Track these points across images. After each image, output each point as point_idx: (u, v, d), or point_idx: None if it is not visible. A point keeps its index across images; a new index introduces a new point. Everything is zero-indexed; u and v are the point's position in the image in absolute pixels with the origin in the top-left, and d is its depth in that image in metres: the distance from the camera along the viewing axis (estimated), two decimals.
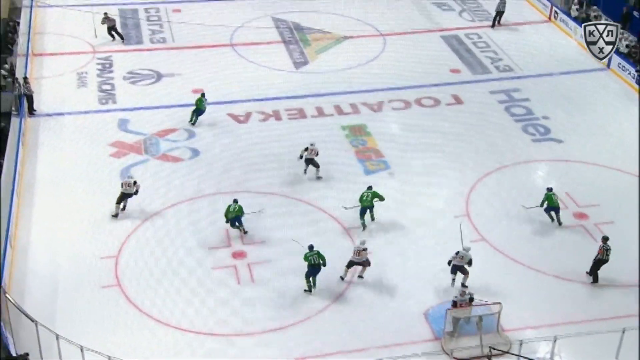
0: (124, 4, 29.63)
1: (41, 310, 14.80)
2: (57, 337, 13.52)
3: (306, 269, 15.76)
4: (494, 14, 29.34)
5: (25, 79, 22.29)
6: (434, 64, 26.04)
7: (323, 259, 15.67)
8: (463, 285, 15.74)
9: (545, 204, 17.93)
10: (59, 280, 16.08)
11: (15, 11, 27.60)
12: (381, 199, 17.84)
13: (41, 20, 28.11)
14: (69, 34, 27.06)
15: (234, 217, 17.23)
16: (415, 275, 16.51)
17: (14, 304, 14.16)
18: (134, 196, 18.11)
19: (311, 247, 15.77)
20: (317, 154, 19.39)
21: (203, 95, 22.05)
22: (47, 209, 18.33)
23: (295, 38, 27.57)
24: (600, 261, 16.27)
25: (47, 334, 13.63)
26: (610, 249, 16.16)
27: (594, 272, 16.33)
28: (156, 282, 16.17)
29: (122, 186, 18.12)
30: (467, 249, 15.90)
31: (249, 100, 23.28)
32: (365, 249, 16.02)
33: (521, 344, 14.10)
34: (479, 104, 23.70)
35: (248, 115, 22.59)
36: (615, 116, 23.11)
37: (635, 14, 26.49)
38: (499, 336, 14.76)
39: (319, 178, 19.46)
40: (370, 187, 18.03)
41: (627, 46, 25.75)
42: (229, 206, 17.27)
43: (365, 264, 16.08)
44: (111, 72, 24.83)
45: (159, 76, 24.77)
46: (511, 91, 24.34)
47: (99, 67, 25.09)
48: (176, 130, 21.66)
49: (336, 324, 15.22)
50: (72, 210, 18.24)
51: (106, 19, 26.81)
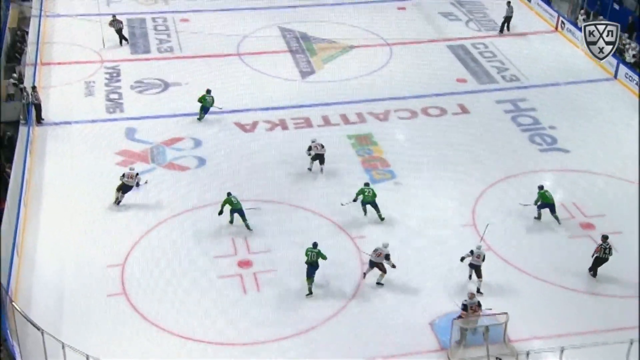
0: (131, 13, 29.79)
1: (47, 319, 14.82)
2: (63, 345, 13.51)
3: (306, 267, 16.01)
4: (500, 23, 29.37)
5: (34, 87, 22.39)
6: (440, 73, 26.02)
7: (323, 257, 15.89)
8: (478, 290, 15.98)
9: (540, 202, 18.19)
10: (65, 289, 16.10)
11: (24, 21, 27.84)
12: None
13: (50, 29, 28.26)
14: (77, 43, 27.19)
15: (238, 209, 17.58)
16: (421, 285, 16.46)
17: (20, 313, 14.17)
18: (135, 189, 18.42)
19: (315, 245, 15.97)
20: (322, 146, 19.83)
21: (208, 92, 22.40)
22: (53, 217, 18.37)
23: (302, 47, 27.63)
24: (598, 259, 16.51)
25: (53, 343, 13.61)
26: (608, 247, 16.31)
27: (593, 268, 16.62)
28: (162, 290, 16.18)
29: (123, 176, 18.49)
30: (479, 247, 16.32)
31: (255, 110, 23.32)
32: (388, 254, 16.13)
33: (528, 355, 14.03)
34: (486, 113, 23.67)
35: (254, 124, 22.62)
36: (622, 126, 23.01)
37: None
38: (505, 347, 14.68)
39: (321, 171, 19.94)
40: (367, 184, 18.41)
41: (633, 56, 25.68)
42: (229, 200, 17.60)
43: (382, 267, 16.20)
44: (119, 81, 24.93)
45: (166, 85, 24.85)
46: (517, 101, 24.30)
47: (107, 76, 25.19)
48: (183, 139, 21.71)
49: (341, 334, 15.16)
50: (79, 219, 18.28)
51: (114, 21, 27.24)
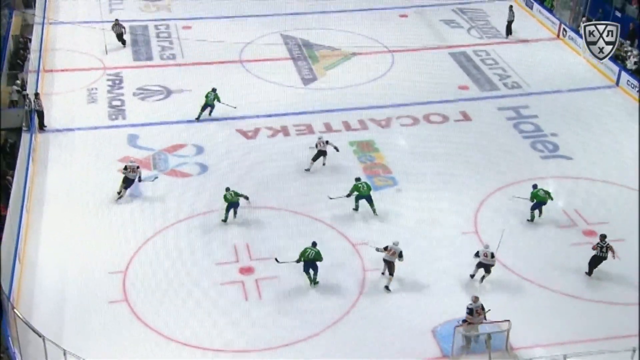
0: (134, 20, 29.88)
1: (49, 326, 14.80)
2: (65, 352, 13.49)
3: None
4: (503, 31, 29.53)
5: (37, 94, 22.42)
6: (442, 80, 26.04)
7: (319, 257, 16.17)
8: (482, 280, 16.40)
9: (534, 201, 18.53)
10: (67, 296, 16.09)
11: (27, 28, 27.92)
12: (370, 188, 18.67)
13: (52, 37, 28.32)
14: (79, 51, 27.25)
15: (234, 202, 18.12)
16: (423, 292, 16.43)
17: (21, 319, 14.16)
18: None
19: (314, 244, 16.27)
20: (327, 143, 20.36)
21: (213, 90, 22.92)
22: (55, 224, 18.38)
23: (304, 55, 27.68)
24: (596, 257, 16.63)
25: (55, 350, 13.60)
26: (605, 245, 16.46)
27: (590, 267, 16.75)
28: (163, 297, 16.16)
29: (125, 169, 18.93)
30: (487, 247, 16.49)
31: (257, 116, 23.35)
32: (397, 253, 16.23)
33: None
34: (487, 120, 23.66)
35: (256, 131, 22.65)
36: (624, 133, 22.98)
37: None
38: (507, 354, 14.63)
39: (323, 165, 20.48)
40: (358, 179, 18.73)
41: (635, 63, 25.70)
42: (226, 194, 18.16)
43: (393, 268, 16.28)
44: (121, 88, 24.97)
45: (168, 92, 24.89)
46: (519, 108, 24.30)
47: (109, 83, 25.24)
48: (185, 146, 21.73)
49: (342, 341, 15.12)
50: (81, 226, 18.29)
51: (116, 25, 27.61)
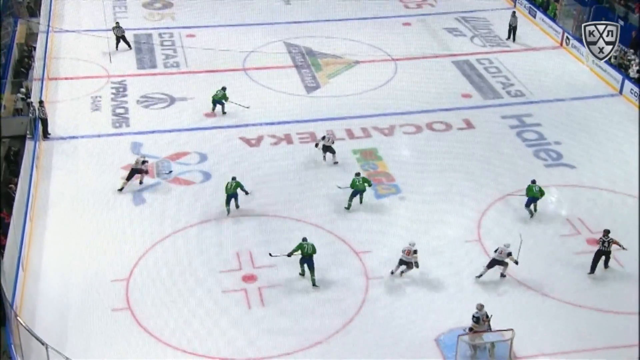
0: (138, 28, 30.05)
1: (51, 333, 14.85)
2: None
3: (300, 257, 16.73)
4: (505, 39, 29.68)
5: (41, 102, 22.55)
6: (445, 88, 26.11)
7: (314, 248, 16.67)
8: (502, 275, 16.75)
9: (528, 195, 19.02)
10: (70, 303, 16.14)
11: (31, 37, 28.09)
12: (370, 184, 19.38)
13: (57, 45, 28.49)
14: (83, 59, 27.40)
15: (233, 193, 18.68)
16: (425, 300, 16.44)
17: (24, 327, 14.20)
18: (145, 176, 19.92)
19: (305, 239, 16.84)
20: (333, 142, 21.10)
21: (223, 89, 23.68)
22: (59, 231, 18.45)
23: (307, 62, 27.78)
24: (600, 252, 16.86)
25: (58, 357, 13.64)
26: (608, 240, 16.74)
27: (593, 263, 16.97)
28: (166, 305, 16.19)
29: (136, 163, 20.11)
30: (507, 245, 16.68)
31: (260, 124, 23.42)
32: (415, 251, 16.56)
33: None
34: (491, 128, 23.70)
35: (259, 139, 22.72)
36: (628, 141, 22.99)
37: None
38: None
39: (335, 163, 21.03)
40: (358, 174, 19.49)
41: (638, 71, 25.72)
42: (228, 183, 18.75)
43: (411, 265, 16.51)
44: (125, 95, 25.08)
45: (172, 100, 25.00)
46: (523, 116, 24.35)
47: (113, 91, 25.35)
48: (188, 154, 21.81)
49: (345, 349, 15.11)
50: (84, 233, 18.35)
51: (117, 27, 27.97)
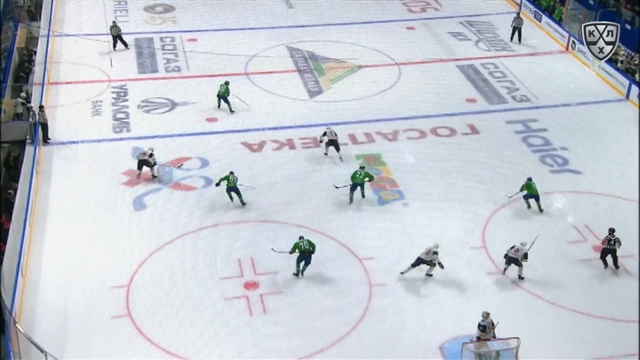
0: (139, 33, 30.15)
1: (51, 341, 14.84)
2: None
3: (297, 255, 16.91)
4: (512, 43, 29.70)
5: (41, 107, 22.61)
6: (449, 93, 26.13)
7: (313, 246, 16.76)
8: (520, 277, 16.94)
9: (525, 192, 19.32)
10: (69, 310, 16.14)
11: (32, 41, 28.18)
12: (371, 178, 19.61)
13: (58, 49, 28.59)
14: (84, 63, 27.47)
15: (233, 187, 19.17)
16: (430, 308, 16.43)
17: (23, 334, 14.22)
18: (154, 168, 20.45)
19: (301, 238, 16.97)
20: (336, 135, 21.46)
21: (226, 83, 24.27)
22: (59, 237, 18.46)
23: (310, 67, 27.83)
24: (606, 250, 17.23)
25: None
26: (613, 239, 17.04)
27: (602, 260, 17.33)
28: (167, 312, 16.18)
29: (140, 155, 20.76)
30: (523, 244, 16.94)
31: (262, 129, 23.45)
32: (436, 252, 16.77)
33: None
34: (496, 134, 23.70)
35: (262, 144, 22.76)
36: (635, 147, 22.96)
37: None
38: None
39: (340, 159, 21.49)
40: (362, 167, 19.93)
41: None
42: (227, 176, 19.18)
43: (432, 264, 16.81)
44: (126, 100, 25.14)
45: (173, 105, 25.05)
46: (528, 121, 24.35)
47: (114, 95, 25.41)
48: (189, 159, 21.86)
49: (347, 357, 15.08)
50: (84, 239, 18.36)
51: (114, 27, 28.21)
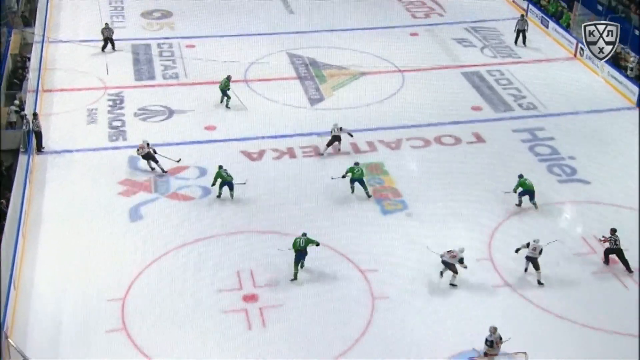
0: (136, 39, 30.21)
1: (44, 355, 14.80)
2: None
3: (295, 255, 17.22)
4: (517, 50, 29.73)
5: (35, 115, 22.60)
6: (454, 101, 26.13)
7: (309, 243, 17.14)
8: (539, 282, 17.20)
9: (520, 189, 19.75)
10: (63, 324, 16.07)
11: (26, 47, 28.20)
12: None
13: (52, 56, 28.61)
14: (79, 70, 27.50)
15: (228, 181, 19.83)
16: (435, 321, 16.36)
17: (15, 349, 14.17)
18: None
19: (304, 234, 17.35)
20: (341, 128, 22.36)
21: (228, 77, 24.77)
22: (52, 249, 18.42)
23: (311, 74, 27.85)
24: (609, 250, 17.67)
25: None
26: (615, 239, 17.49)
27: (605, 257, 17.79)
28: (163, 326, 16.12)
29: (138, 150, 21.25)
30: (536, 241, 17.22)
31: (262, 137, 23.44)
32: (458, 256, 16.96)
33: None
34: (502, 142, 23.67)
35: (262, 153, 22.74)
36: None
37: None
38: None
39: (338, 150, 22.49)
40: (357, 163, 20.52)
41: None
42: (221, 173, 19.92)
43: (454, 267, 16.98)
44: (122, 108, 25.12)
45: (170, 112, 25.05)
46: (535, 130, 24.33)
47: (110, 103, 25.41)
48: (187, 168, 21.83)
49: None
50: (79, 251, 18.31)
51: (106, 29, 28.31)
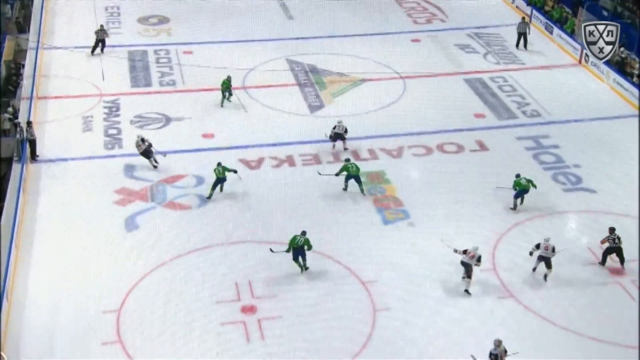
0: (133, 45, 30.23)
1: None
2: None
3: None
4: (521, 56, 29.76)
5: (29, 123, 22.56)
6: (457, 108, 26.13)
7: (307, 242, 17.52)
8: (545, 277, 17.45)
9: (516, 189, 20.15)
10: (57, 337, 15.98)
11: (20, 53, 28.23)
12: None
13: (47, 62, 28.61)
14: (75, 77, 27.51)
15: (222, 178, 20.32)
16: (438, 333, 16.30)
17: None
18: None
19: (304, 233, 17.80)
20: (345, 130, 22.61)
21: (228, 78, 25.16)
22: (46, 259, 18.35)
23: (311, 81, 27.87)
24: (609, 249, 17.96)
25: None
26: (617, 237, 17.81)
27: (603, 257, 18.10)
28: (160, 338, 16.04)
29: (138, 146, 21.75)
30: (547, 240, 17.46)
31: (261, 145, 23.43)
32: (476, 256, 17.12)
33: None
34: (505, 150, 23.66)
35: (260, 161, 22.72)
36: None
37: None
38: None
39: (345, 149, 22.68)
40: (348, 159, 20.98)
41: None
42: (218, 169, 20.35)
43: (471, 270, 17.10)
44: (118, 115, 25.10)
45: (167, 120, 25.04)
46: (539, 137, 24.32)
47: (106, 110, 25.38)
48: (184, 177, 21.81)
49: None
50: (73, 261, 18.24)
51: (100, 30, 28.44)
